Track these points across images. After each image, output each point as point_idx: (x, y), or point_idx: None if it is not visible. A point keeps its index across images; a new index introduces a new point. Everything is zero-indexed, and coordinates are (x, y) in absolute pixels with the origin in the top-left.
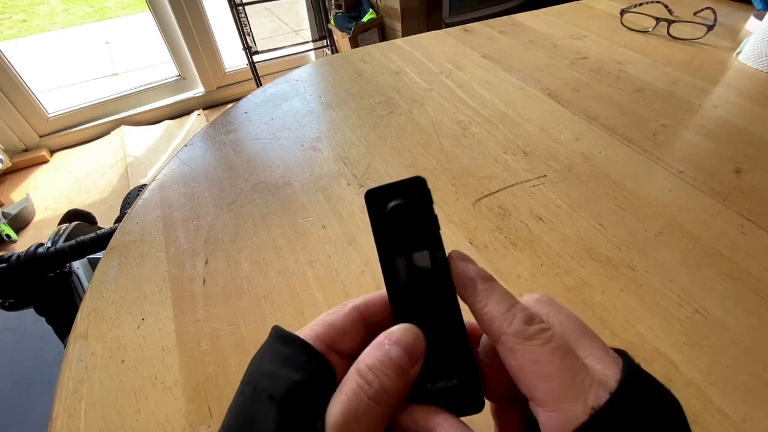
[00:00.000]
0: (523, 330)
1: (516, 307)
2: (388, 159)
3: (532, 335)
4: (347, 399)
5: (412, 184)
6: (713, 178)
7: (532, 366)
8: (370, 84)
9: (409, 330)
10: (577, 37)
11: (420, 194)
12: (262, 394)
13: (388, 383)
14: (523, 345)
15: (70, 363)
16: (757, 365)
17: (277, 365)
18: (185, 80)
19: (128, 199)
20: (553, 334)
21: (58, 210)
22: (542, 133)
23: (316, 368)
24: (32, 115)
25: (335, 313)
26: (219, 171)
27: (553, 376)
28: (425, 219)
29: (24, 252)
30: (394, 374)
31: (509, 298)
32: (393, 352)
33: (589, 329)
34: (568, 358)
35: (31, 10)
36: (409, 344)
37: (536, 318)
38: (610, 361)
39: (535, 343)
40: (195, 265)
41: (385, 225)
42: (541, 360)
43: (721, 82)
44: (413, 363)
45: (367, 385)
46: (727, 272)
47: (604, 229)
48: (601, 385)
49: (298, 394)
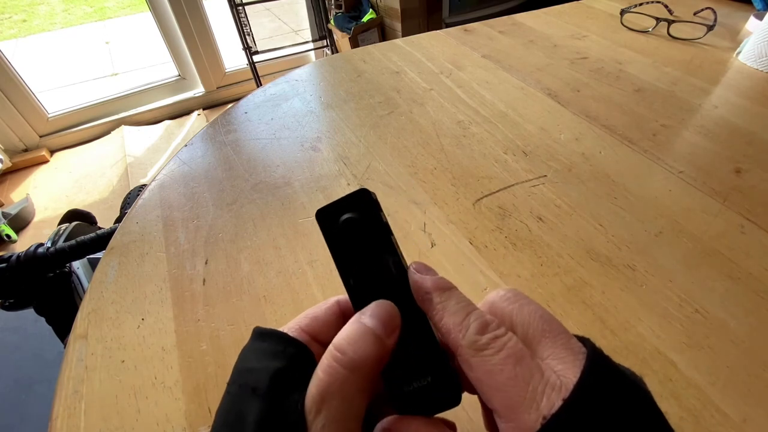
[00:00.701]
0: (476, 341)
1: (470, 316)
2: (388, 159)
3: (485, 345)
4: (322, 374)
5: (359, 196)
6: (713, 178)
7: (487, 377)
8: (370, 84)
9: (382, 303)
10: (577, 37)
11: (367, 205)
12: (246, 390)
13: (362, 351)
14: (477, 357)
15: (70, 363)
16: (757, 365)
17: (257, 360)
18: (185, 80)
19: (128, 199)
20: (506, 341)
21: (58, 210)
22: (542, 133)
23: (292, 353)
24: (32, 115)
25: (318, 307)
26: (219, 171)
27: (506, 386)
28: (376, 228)
29: (24, 252)
30: (369, 342)
31: (465, 307)
32: (367, 321)
33: (554, 325)
34: (521, 364)
35: (31, 10)
36: (382, 314)
37: (490, 325)
38: (570, 360)
39: (487, 353)
40: (195, 265)
41: (339, 239)
42: (494, 370)
43: (721, 82)
44: (389, 333)
45: (340, 356)
46: (727, 272)
47: (604, 229)
48: (556, 389)
49: (279, 381)
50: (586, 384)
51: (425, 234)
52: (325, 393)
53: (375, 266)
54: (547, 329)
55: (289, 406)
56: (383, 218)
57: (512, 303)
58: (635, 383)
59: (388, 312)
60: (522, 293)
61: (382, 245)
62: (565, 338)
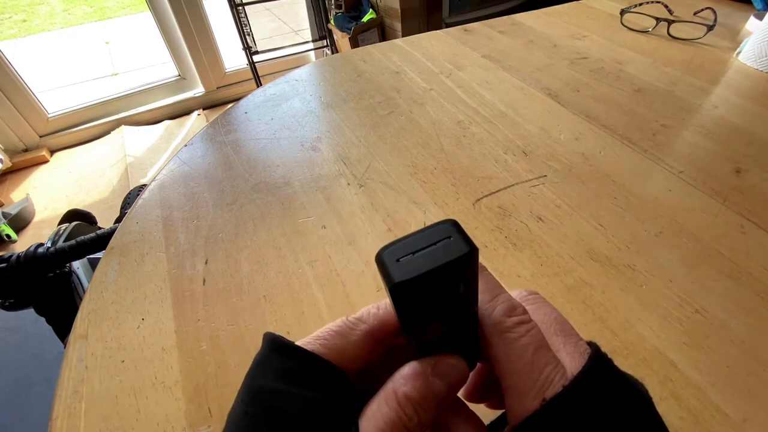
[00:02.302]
0: (501, 321)
1: (499, 298)
2: (388, 159)
3: (510, 328)
4: (385, 427)
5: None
6: (713, 178)
7: (506, 358)
8: (370, 84)
9: (456, 366)
10: (577, 37)
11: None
12: (274, 416)
13: (425, 418)
14: (500, 337)
15: (70, 363)
16: (757, 365)
17: (284, 381)
18: (185, 80)
19: (128, 199)
20: (530, 327)
21: (58, 210)
22: (542, 133)
23: (333, 386)
24: (32, 115)
25: (344, 337)
26: (219, 171)
27: (522, 370)
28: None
29: (24, 252)
30: (433, 408)
31: (493, 289)
32: (437, 386)
33: (567, 327)
34: (539, 352)
35: (31, 10)
36: (453, 380)
37: (517, 309)
38: (577, 356)
39: (511, 336)
40: (195, 265)
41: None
42: (514, 354)
43: (721, 82)
44: (453, 395)
45: (406, 419)
46: (727, 272)
47: (604, 229)
48: (563, 378)
49: (316, 413)
50: (587, 374)
51: None
52: None
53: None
54: (559, 330)
55: None
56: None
57: (531, 303)
58: (635, 385)
59: (459, 377)
60: (541, 296)
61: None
62: (575, 339)
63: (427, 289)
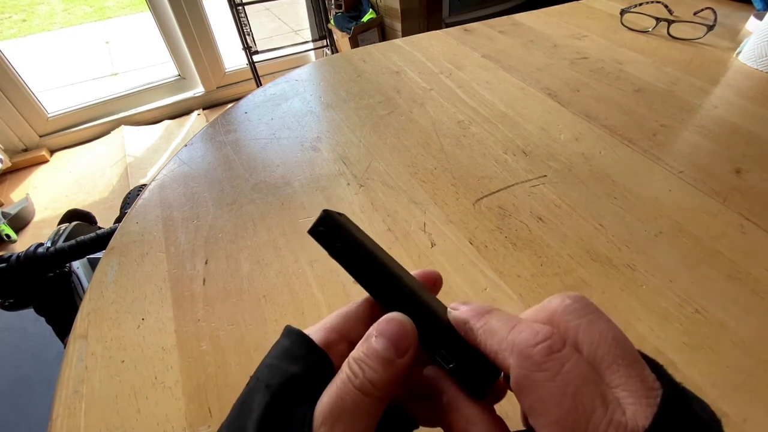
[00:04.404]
0: (526, 356)
1: (515, 330)
2: (388, 159)
3: (539, 364)
4: (336, 389)
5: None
6: (713, 178)
7: (541, 406)
8: (370, 84)
9: (393, 319)
10: (577, 37)
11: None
12: (260, 384)
13: (372, 375)
14: (527, 378)
15: (70, 363)
16: (757, 365)
17: (277, 358)
18: (185, 80)
19: (128, 199)
20: (565, 359)
21: (58, 210)
22: (542, 133)
23: (312, 362)
24: (32, 114)
25: (348, 306)
26: (219, 171)
27: (561, 421)
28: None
29: (24, 252)
30: (379, 366)
31: (509, 322)
32: (377, 343)
33: (628, 350)
34: (582, 393)
35: (31, 10)
36: (393, 335)
37: (540, 335)
38: (642, 396)
39: (541, 377)
40: (195, 265)
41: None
42: (550, 400)
43: (721, 82)
44: (401, 353)
45: (354, 377)
46: (727, 272)
47: (604, 229)
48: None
49: (291, 385)
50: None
51: (425, 234)
52: (335, 409)
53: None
54: (620, 355)
55: (297, 413)
56: (355, 237)
57: (580, 317)
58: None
59: (399, 331)
60: (592, 304)
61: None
62: (640, 368)
63: (322, 240)
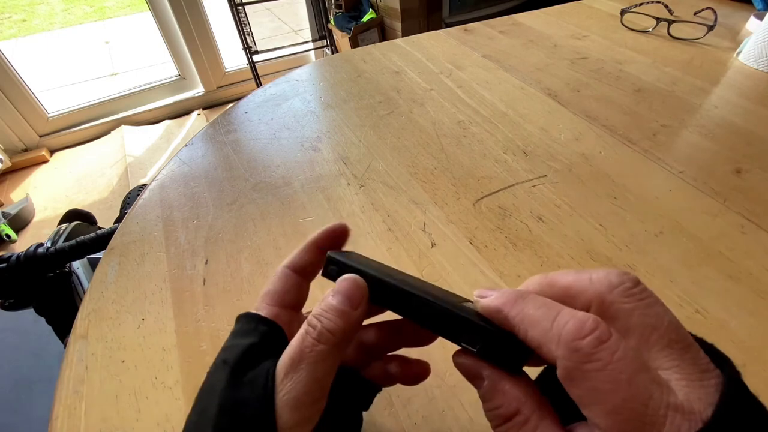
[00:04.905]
0: (575, 348)
1: (558, 319)
2: (388, 159)
3: (587, 356)
4: (295, 342)
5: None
6: (713, 178)
7: (593, 397)
8: (370, 84)
9: (345, 279)
10: (577, 37)
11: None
12: (219, 364)
13: (330, 325)
14: (578, 372)
15: (70, 363)
16: (757, 365)
17: (230, 339)
18: (185, 80)
19: (128, 199)
20: (614, 347)
21: (58, 210)
22: (542, 133)
23: (264, 330)
24: (32, 114)
25: (273, 282)
26: (219, 171)
27: (618, 409)
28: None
29: (24, 252)
30: (335, 317)
31: (548, 310)
32: (334, 299)
33: (683, 334)
34: (636, 381)
35: (31, 9)
36: (347, 290)
37: (587, 326)
38: (697, 379)
39: (591, 367)
40: (195, 265)
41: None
42: (602, 389)
43: (721, 82)
44: (355, 305)
45: (311, 329)
46: (727, 272)
47: (604, 229)
48: (680, 412)
49: (249, 353)
50: (724, 415)
51: (425, 234)
52: (295, 359)
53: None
54: (674, 339)
55: (260, 372)
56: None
57: (638, 300)
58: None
59: (351, 287)
60: (647, 287)
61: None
62: (694, 351)
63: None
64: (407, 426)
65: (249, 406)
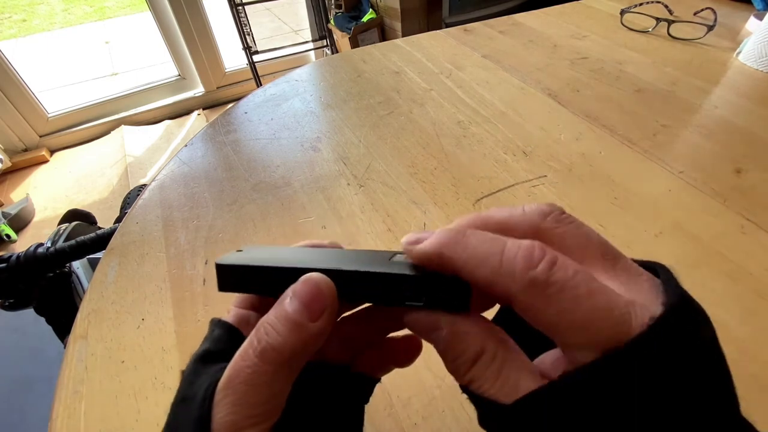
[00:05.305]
0: (532, 280)
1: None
2: (388, 159)
3: (545, 283)
4: (236, 358)
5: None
6: (713, 178)
7: (559, 317)
8: (370, 84)
9: (308, 280)
10: (577, 37)
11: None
12: (188, 367)
13: (277, 341)
14: (540, 299)
15: (70, 363)
16: (757, 365)
17: (203, 344)
18: (185, 80)
19: (128, 199)
20: (567, 274)
21: (58, 210)
22: (542, 133)
23: (218, 335)
24: (32, 114)
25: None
26: (219, 171)
27: (588, 323)
28: None
29: (24, 252)
30: (286, 330)
31: (493, 243)
32: (289, 305)
33: (611, 249)
34: (595, 295)
35: (31, 9)
36: (307, 296)
37: (536, 253)
38: (638, 286)
39: (551, 291)
40: (195, 265)
41: None
42: (567, 308)
43: (721, 82)
44: (314, 315)
45: (256, 342)
46: (727, 272)
47: (604, 229)
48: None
49: (201, 360)
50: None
51: None
52: (232, 378)
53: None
54: (605, 252)
55: (198, 388)
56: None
57: (567, 223)
58: (708, 318)
59: (311, 291)
60: (569, 213)
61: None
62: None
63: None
64: (407, 426)
65: (182, 430)
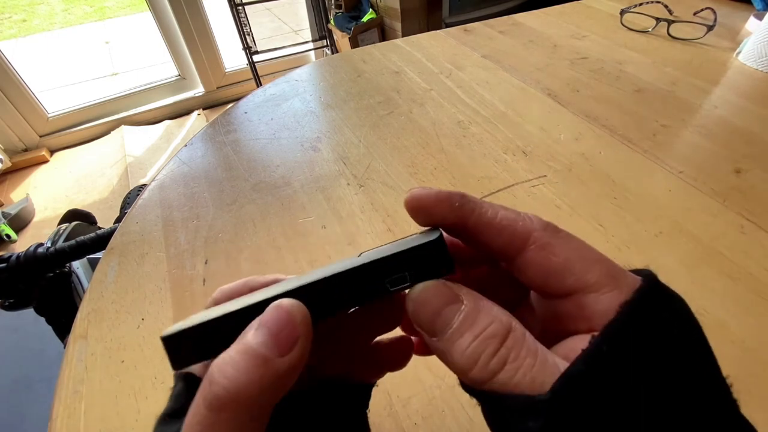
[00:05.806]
0: (548, 224)
1: (524, 217)
2: (388, 159)
3: (558, 228)
4: (189, 412)
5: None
6: (713, 178)
7: (577, 253)
8: (370, 84)
9: (279, 306)
10: (577, 37)
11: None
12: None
13: (233, 383)
14: (556, 238)
15: (70, 363)
16: (757, 365)
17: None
18: (185, 80)
19: (128, 199)
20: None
21: (58, 210)
22: (542, 133)
23: (178, 391)
24: (32, 114)
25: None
26: (219, 171)
27: (601, 261)
28: None
29: (24, 252)
30: (247, 366)
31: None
32: (254, 336)
33: (602, 256)
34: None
35: (31, 10)
36: (275, 325)
37: (541, 219)
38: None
39: (563, 234)
40: (195, 265)
41: None
42: (580, 246)
43: (721, 82)
44: (284, 349)
45: (208, 387)
46: (727, 272)
47: (604, 229)
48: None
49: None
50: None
51: None
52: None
53: None
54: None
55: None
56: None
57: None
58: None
59: (283, 318)
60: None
61: None
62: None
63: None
64: (407, 426)
65: None
